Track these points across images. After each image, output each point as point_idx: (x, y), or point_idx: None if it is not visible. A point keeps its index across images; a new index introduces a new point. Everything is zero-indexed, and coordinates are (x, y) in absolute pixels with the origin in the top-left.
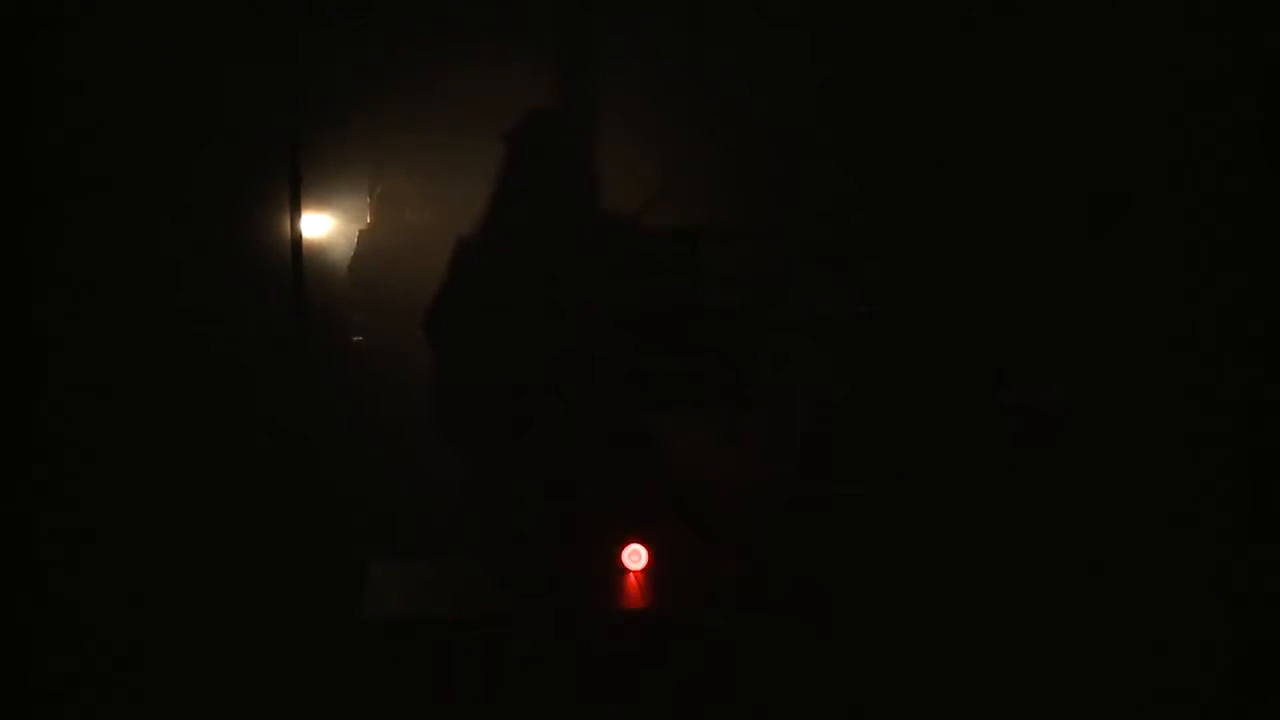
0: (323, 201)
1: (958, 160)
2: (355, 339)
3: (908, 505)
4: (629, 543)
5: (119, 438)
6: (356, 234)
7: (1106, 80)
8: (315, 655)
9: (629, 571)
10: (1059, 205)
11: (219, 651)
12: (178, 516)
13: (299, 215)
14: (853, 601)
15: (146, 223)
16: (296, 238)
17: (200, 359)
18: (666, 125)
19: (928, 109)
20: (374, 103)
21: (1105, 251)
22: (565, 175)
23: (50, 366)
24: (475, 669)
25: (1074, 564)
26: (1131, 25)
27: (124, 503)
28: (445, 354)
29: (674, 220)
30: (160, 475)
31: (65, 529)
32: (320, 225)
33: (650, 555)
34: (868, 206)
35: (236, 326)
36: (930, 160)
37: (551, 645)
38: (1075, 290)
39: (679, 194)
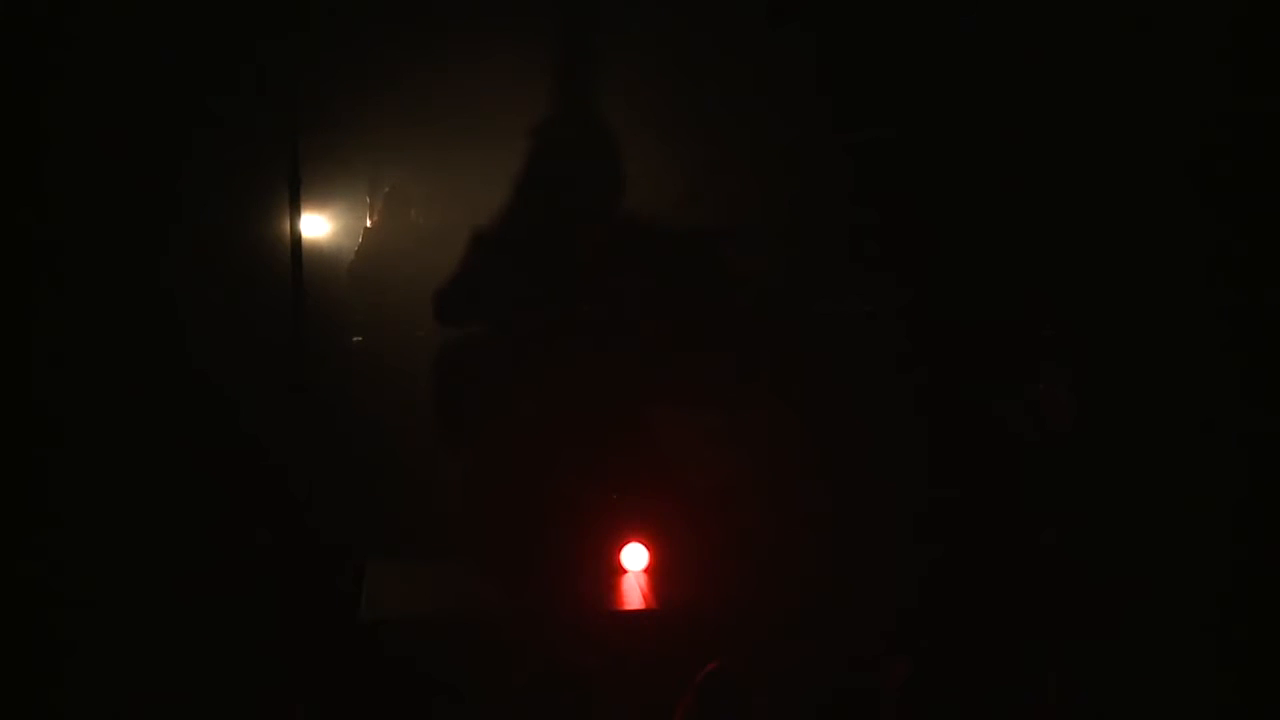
0: (323, 201)
1: (974, 161)
2: (355, 339)
3: (913, 502)
4: (629, 543)
5: (117, 436)
6: (360, 233)
7: (1123, 81)
8: (314, 655)
9: (629, 571)
10: (1071, 208)
11: (220, 652)
12: (177, 515)
13: (299, 215)
14: (856, 601)
15: (147, 223)
16: (296, 238)
17: (200, 358)
18: (668, 124)
19: (942, 110)
20: (374, 102)
21: (1116, 256)
22: (572, 173)
23: (51, 364)
24: (473, 669)
25: (1080, 565)
26: (1151, 25)
27: (122, 500)
28: (451, 343)
29: (678, 221)
30: (159, 473)
31: (64, 529)
32: (320, 225)
33: (650, 555)
34: (879, 207)
35: (235, 326)
36: (945, 161)
37: (550, 646)
38: (1085, 294)
39: (679, 194)
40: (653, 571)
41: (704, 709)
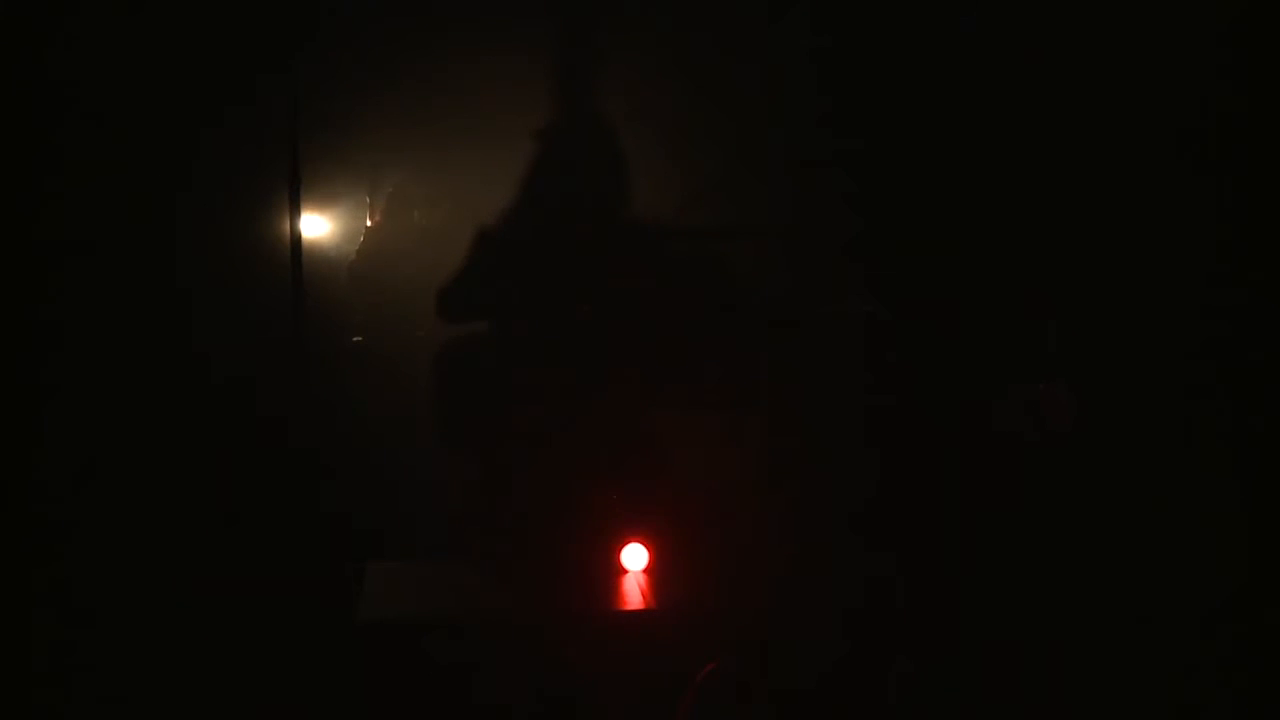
0: (323, 201)
1: (970, 162)
2: (355, 339)
3: (913, 509)
4: (629, 543)
5: (116, 438)
6: (361, 233)
7: (1118, 79)
8: (314, 657)
9: (629, 571)
10: (1070, 208)
11: (218, 653)
12: (175, 516)
13: (299, 215)
14: (856, 601)
15: (146, 222)
16: (296, 238)
17: (199, 359)
18: (668, 124)
19: (940, 110)
20: (374, 102)
21: (1116, 256)
22: (573, 174)
23: (50, 366)
24: (474, 670)
25: (1079, 568)
26: (1144, 26)
27: (121, 502)
28: (451, 343)
29: (679, 221)
30: (158, 475)
31: (63, 529)
32: (320, 225)
33: (650, 555)
34: (878, 207)
35: (235, 327)
36: (942, 162)
37: (550, 647)
38: (1083, 293)
39: (680, 194)
40: (653, 571)
41: (704, 709)
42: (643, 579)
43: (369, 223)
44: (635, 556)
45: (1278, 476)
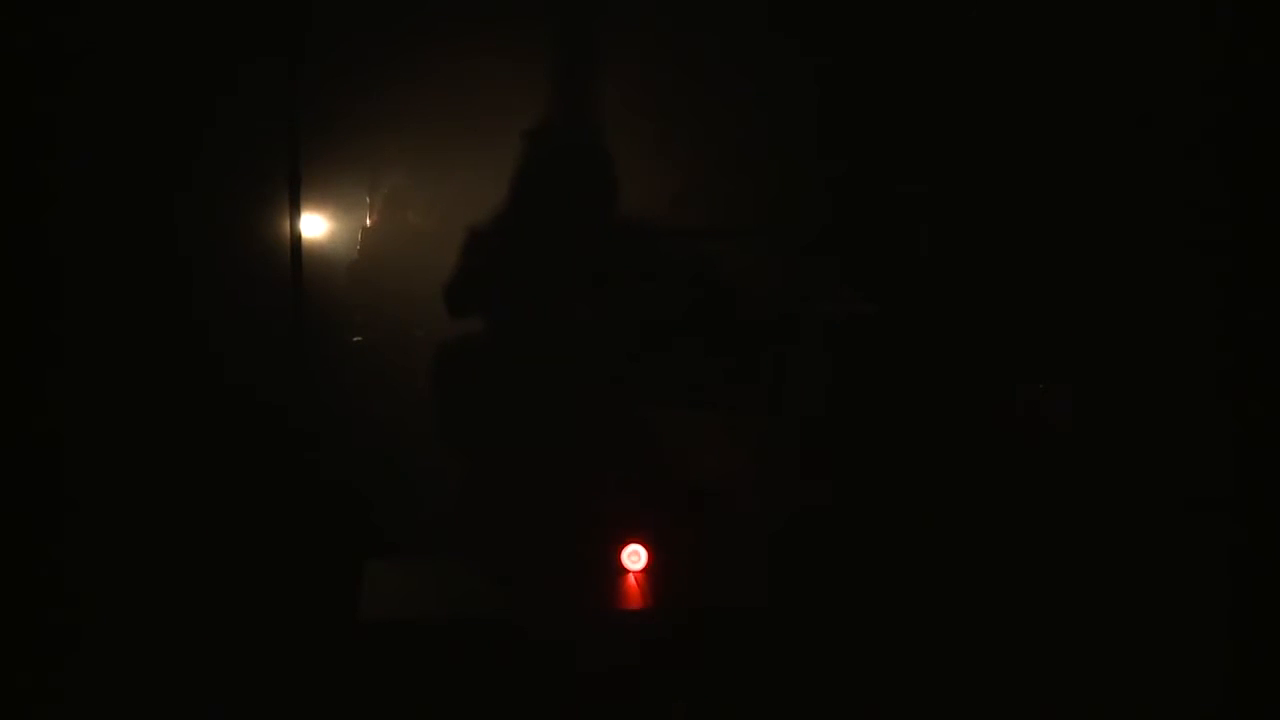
0: (323, 201)
1: (971, 161)
2: (355, 339)
3: (910, 508)
4: (629, 543)
5: (117, 438)
6: (359, 234)
7: (1115, 77)
8: (314, 656)
9: (629, 571)
10: (1068, 206)
11: (217, 652)
12: (175, 516)
13: (299, 215)
14: (854, 604)
15: (146, 222)
16: (296, 238)
17: (199, 359)
18: (667, 123)
19: (936, 107)
20: (374, 102)
21: (1114, 253)
22: (572, 173)
23: (49, 366)
24: (474, 670)
25: (1079, 567)
26: (1141, 23)
27: (121, 501)
28: (451, 342)
29: (676, 220)
30: (158, 475)
31: (62, 527)
32: (320, 225)
33: (650, 555)
34: (873, 206)
35: (236, 326)
36: (943, 160)
37: (550, 647)
38: (1083, 293)
39: (678, 193)
40: (653, 571)
41: (703, 709)
42: (643, 579)
43: (368, 223)
44: (635, 556)
45: (1278, 476)
